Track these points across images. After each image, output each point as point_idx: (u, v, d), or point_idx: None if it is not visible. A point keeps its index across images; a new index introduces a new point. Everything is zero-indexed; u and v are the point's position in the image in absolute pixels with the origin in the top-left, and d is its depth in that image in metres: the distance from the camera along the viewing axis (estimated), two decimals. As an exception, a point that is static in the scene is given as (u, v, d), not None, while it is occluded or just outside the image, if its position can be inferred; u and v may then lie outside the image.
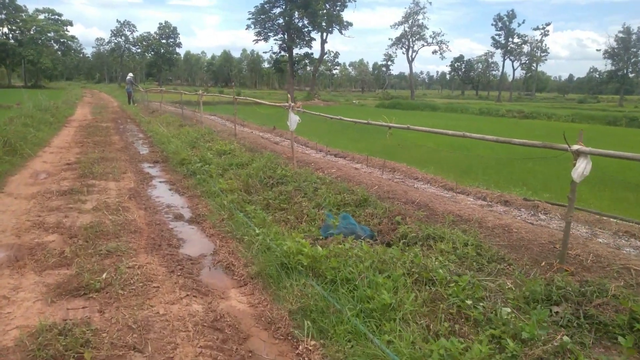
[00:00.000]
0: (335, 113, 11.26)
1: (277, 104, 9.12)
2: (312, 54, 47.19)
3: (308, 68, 49.35)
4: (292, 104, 8.26)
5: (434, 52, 77.93)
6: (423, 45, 75.97)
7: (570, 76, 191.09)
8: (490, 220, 5.16)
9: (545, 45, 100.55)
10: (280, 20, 43.80)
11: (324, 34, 46.73)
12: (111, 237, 5.58)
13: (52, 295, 4.07)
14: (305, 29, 45.12)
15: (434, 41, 75.36)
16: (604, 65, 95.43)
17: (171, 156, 10.94)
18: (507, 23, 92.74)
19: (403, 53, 75.50)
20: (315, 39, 46.06)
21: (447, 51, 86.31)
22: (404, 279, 3.92)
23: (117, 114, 25.38)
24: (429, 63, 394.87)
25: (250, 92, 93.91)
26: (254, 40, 44.93)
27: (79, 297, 4.07)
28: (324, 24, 43.23)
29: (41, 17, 77.09)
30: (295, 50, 46.01)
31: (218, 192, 7.47)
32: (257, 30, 44.73)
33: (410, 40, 73.80)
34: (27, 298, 4.04)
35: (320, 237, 5.27)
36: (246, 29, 45.71)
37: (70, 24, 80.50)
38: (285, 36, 45.00)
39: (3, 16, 72.36)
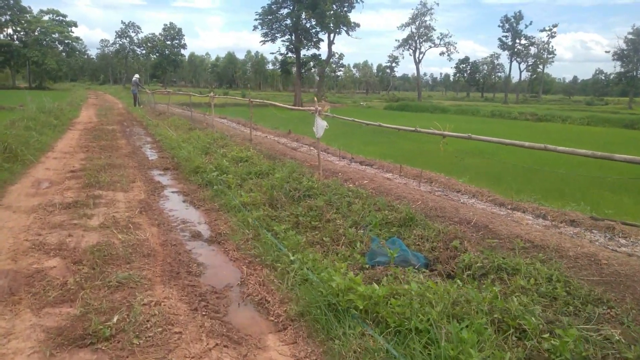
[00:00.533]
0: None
1: (301, 108, 8.32)
2: (319, 55, 46.47)
3: (313, 70, 48.54)
4: (319, 107, 7.49)
5: (442, 53, 77.09)
6: (430, 47, 75.18)
7: (575, 78, 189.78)
8: (569, 247, 4.36)
9: (552, 46, 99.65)
10: (288, 21, 43.06)
11: (332, 35, 46.05)
12: (121, 263, 4.83)
13: (51, 345, 3.32)
14: (313, 30, 44.36)
15: (442, 42, 74.56)
16: (613, 67, 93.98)
17: (183, 163, 10.20)
18: (514, 24, 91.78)
19: (410, 54, 74.76)
20: (323, 40, 45.41)
21: (455, 52, 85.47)
22: (487, 328, 3.14)
23: (123, 116, 24.70)
24: (432, 65, 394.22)
25: (255, 93, 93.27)
26: (261, 42, 44.41)
27: (85, 347, 3.32)
28: (331, 24, 42.46)
29: (46, 18, 76.68)
30: (303, 52, 45.29)
31: (239, 205, 6.72)
32: (264, 31, 44.02)
33: (418, 41, 73.03)
34: (21, 349, 3.29)
35: (366, 266, 4.50)
36: (253, 30, 45.18)
37: (75, 25, 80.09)
38: (293, 37, 44.22)
39: (8, 17, 71.95)
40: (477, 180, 9.15)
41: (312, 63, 46.63)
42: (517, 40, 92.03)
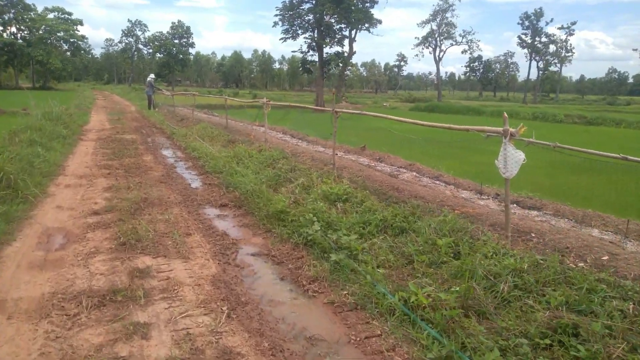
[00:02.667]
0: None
1: (473, 128, 5.41)
2: (344, 53, 43.33)
3: (337, 68, 45.44)
4: (511, 129, 4.53)
5: (464, 51, 74.18)
6: (451, 45, 72.18)
7: (582, 77, 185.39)
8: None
9: (570, 45, 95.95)
10: (310, 17, 40.00)
11: (354, 32, 43.08)
12: None
13: None
14: (337, 26, 41.30)
15: (464, 40, 71.47)
16: (625, 66, 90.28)
17: (250, 199, 7.29)
18: (534, 22, 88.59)
19: (430, 53, 71.74)
20: (347, 37, 42.31)
21: (478, 51, 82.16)
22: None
23: (138, 122, 21.82)
24: (434, 64, 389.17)
25: (264, 93, 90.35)
26: (281, 39, 41.41)
27: None
28: (357, 20, 39.44)
29: (50, 16, 73.94)
30: (325, 49, 42.18)
31: (399, 307, 3.81)
32: (284, 27, 41.04)
33: (438, 39, 69.96)
34: None
35: None
36: (273, 26, 42.11)
37: (81, 23, 77.30)
38: (315, 34, 41.18)
39: (11, 15, 69.30)
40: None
41: (337, 61, 43.51)
42: (537, 38, 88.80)
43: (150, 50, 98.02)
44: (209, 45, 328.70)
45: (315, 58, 43.20)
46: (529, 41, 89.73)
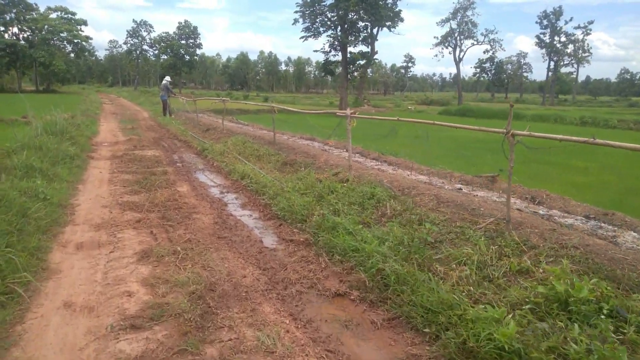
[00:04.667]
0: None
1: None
2: (370, 52, 40.13)
3: (359, 70, 42.29)
4: None
5: (486, 51, 71.00)
6: (472, 44, 68.94)
7: (588, 77, 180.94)
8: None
9: (588, 45, 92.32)
10: (334, 13, 36.85)
11: (378, 30, 39.98)
12: None
13: None
14: (362, 24, 38.15)
15: (486, 39, 68.26)
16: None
17: (392, 288, 4.26)
18: (553, 21, 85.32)
19: (450, 52, 68.53)
20: (373, 35, 39.14)
21: (501, 51, 78.65)
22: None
23: (155, 132, 18.84)
24: (438, 65, 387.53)
25: (270, 95, 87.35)
26: (301, 37, 38.25)
27: None
28: (384, 16, 36.34)
29: (53, 16, 71.01)
30: (349, 49, 39.01)
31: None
32: (305, 25, 37.88)
33: (458, 38, 66.76)
34: None
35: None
36: (293, 23, 39.01)
37: (85, 23, 74.27)
38: (339, 31, 38.03)
39: (13, 15, 66.54)
40: None
41: (361, 62, 40.37)
42: (557, 37, 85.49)
43: (156, 52, 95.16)
44: (210, 47, 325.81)
45: (337, 58, 40.05)
46: (548, 40, 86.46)
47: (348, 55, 38.80)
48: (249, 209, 7.62)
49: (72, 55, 75.18)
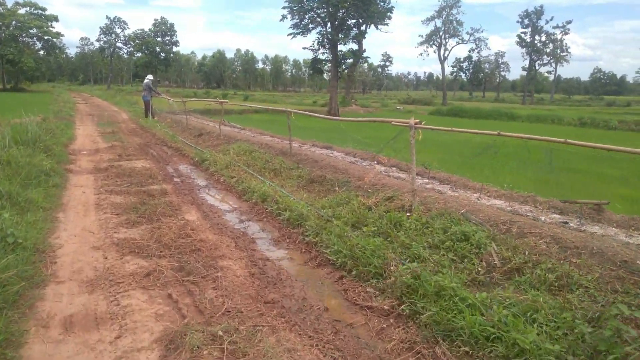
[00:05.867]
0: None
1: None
2: (365, 50, 38.44)
3: (347, 68, 40.52)
4: None
5: (471, 50, 70.33)
6: (458, 43, 68.03)
7: (559, 77, 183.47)
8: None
9: (566, 44, 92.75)
10: (323, 10, 35.02)
11: (366, 27, 38.35)
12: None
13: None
14: (351, 21, 36.40)
15: (471, 38, 67.41)
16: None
17: None
18: (534, 20, 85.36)
19: (434, 52, 67.44)
20: (364, 33, 37.51)
21: (486, 49, 78.28)
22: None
23: (140, 136, 16.84)
24: (411, 64, 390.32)
25: (246, 93, 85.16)
26: (289, 34, 36.29)
27: None
28: (376, 13, 34.74)
29: (22, 11, 67.16)
30: (339, 47, 37.27)
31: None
32: (294, 21, 35.97)
33: (443, 37, 65.75)
34: None
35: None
36: (281, 20, 37.08)
37: (56, 19, 70.51)
38: (329, 28, 36.20)
39: (-23, 9, 62.73)
40: None
41: (349, 60, 38.65)
42: (538, 37, 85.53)
43: (131, 49, 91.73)
44: (185, 46, 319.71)
45: (327, 56, 38.24)
46: (529, 40, 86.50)
47: (338, 53, 37.11)
48: (285, 247, 5.89)
49: (42, 52, 71.47)
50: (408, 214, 5.88)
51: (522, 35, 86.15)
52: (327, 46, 37.49)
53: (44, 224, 6.19)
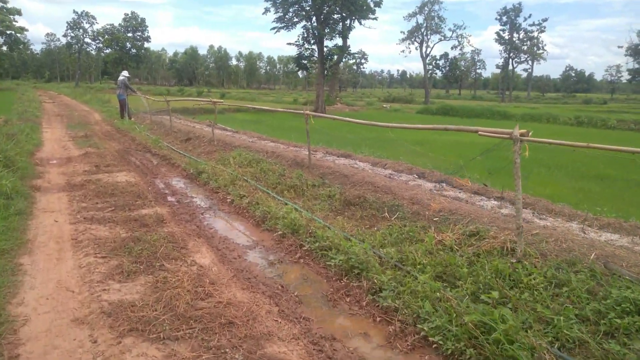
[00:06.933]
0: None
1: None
2: (349, 46, 36.68)
3: (334, 64, 38.76)
4: None
5: (453, 47, 69.51)
6: (440, 40, 67.03)
7: (529, 74, 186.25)
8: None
9: (542, 42, 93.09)
10: (308, 3, 33.15)
11: (351, 22, 36.72)
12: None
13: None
14: (336, 15, 34.61)
15: (454, 35, 66.49)
16: (625, 63, 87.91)
17: None
18: (513, 17, 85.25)
19: (416, 49, 66.33)
20: (351, 27, 35.79)
21: (469, 47, 77.65)
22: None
23: (118, 141, 14.83)
24: (385, 62, 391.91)
25: (221, 91, 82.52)
26: (272, 29, 34.30)
27: None
28: (362, 6, 33.07)
29: (-19, 4, 63.27)
30: (325, 42, 35.44)
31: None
32: (278, 14, 33.95)
33: (424, 33, 64.65)
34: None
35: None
36: (264, 13, 35.07)
37: (19, 13, 66.57)
38: (314, 23, 34.35)
39: None
40: None
41: (336, 56, 36.88)
42: (516, 34, 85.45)
43: (100, 45, 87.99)
44: (154, 42, 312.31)
45: (312, 52, 36.46)
46: (507, 37, 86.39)
47: (325, 48, 35.37)
48: (348, 313, 4.21)
49: (4, 48, 67.52)
50: (513, 261, 4.28)
51: (501, 32, 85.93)
52: (312, 41, 35.70)
53: (1, 279, 4.37)
